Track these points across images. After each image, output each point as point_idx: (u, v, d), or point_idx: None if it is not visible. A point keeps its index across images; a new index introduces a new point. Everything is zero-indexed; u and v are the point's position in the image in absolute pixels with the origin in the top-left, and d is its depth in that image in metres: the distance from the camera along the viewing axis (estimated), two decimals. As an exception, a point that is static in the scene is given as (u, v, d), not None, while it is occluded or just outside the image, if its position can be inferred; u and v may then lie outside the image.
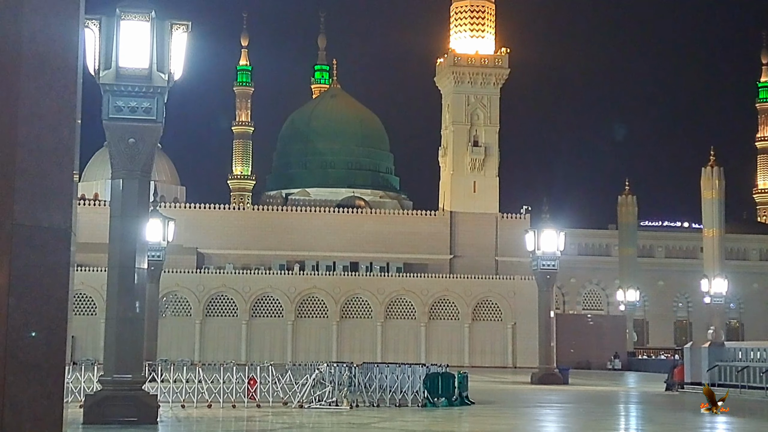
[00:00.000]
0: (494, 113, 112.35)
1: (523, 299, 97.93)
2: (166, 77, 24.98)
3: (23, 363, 6.15)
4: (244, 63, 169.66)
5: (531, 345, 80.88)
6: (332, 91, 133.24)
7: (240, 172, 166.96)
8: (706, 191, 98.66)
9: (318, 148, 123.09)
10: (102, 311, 75.56)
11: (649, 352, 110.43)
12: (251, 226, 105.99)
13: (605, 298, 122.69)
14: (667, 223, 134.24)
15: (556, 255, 60.37)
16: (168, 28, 25.26)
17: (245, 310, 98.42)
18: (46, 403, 6.24)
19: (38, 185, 6.32)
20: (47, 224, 6.34)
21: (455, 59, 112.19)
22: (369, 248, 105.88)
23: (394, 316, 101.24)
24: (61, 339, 6.38)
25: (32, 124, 6.35)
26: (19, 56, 6.34)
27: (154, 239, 48.67)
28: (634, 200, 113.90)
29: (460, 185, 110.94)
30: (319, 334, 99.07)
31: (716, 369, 49.50)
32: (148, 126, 25.16)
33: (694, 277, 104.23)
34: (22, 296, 6.19)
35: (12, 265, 6.15)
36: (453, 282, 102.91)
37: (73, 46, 6.65)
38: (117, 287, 25.50)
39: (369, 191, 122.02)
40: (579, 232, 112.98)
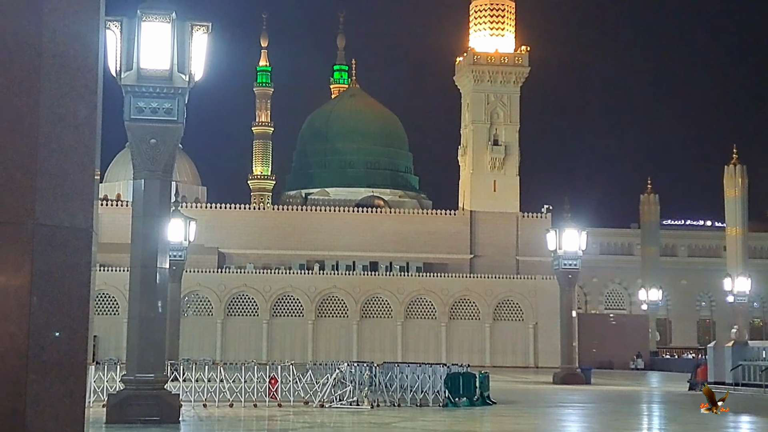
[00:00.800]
0: (514, 112, 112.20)
1: (544, 299, 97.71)
2: (186, 78, 25.06)
3: (45, 362, 6.17)
4: (263, 63, 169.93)
5: (553, 345, 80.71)
6: (351, 91, 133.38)
7: (260, 172, 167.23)
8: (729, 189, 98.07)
9: (337, 148, 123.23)
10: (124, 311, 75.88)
11: (672, 352, 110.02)
12: (271, 225, 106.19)
13: (627, 298, 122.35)
14: (690, 221, 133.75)
15: (578, 254, 60.19)
16: (188, 29, 25.33)
17: (266, 309, 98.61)
18: (68, 402, 6.25)
19: (59, 185, 6.34)
20: (68, 224, 6.35)
21: (475, 58, 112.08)
22: (389, 248, 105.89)
23: (415, 315, 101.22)
24: (83, 338, 6.40)
25: (53, 125, 6.36)
26: (39, 56, 6.35)
27: (175, 239, 48.81)
28: (657, 199, 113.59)
29: (480, 184, 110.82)
30: (340, 333, 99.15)
31: (740, 368, 49.34)
32: (169, 126, 25.25)
33: (717, 275, 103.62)
34: (44, 296, 6.20)
35: (34, 265, 6.17)
36: (473, 282, 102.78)
37: (94, 46, 6.66)
38: (139, 287, 25.60)
39: (388, 191, 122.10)
40: (601, 231, 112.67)
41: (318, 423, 27.14)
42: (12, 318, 6.08)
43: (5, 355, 6.06)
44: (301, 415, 29.28)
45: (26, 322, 6.11)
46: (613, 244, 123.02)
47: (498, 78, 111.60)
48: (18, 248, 6.13)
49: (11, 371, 6.06)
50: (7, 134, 6.22)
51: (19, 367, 6.07)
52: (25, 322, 6.11)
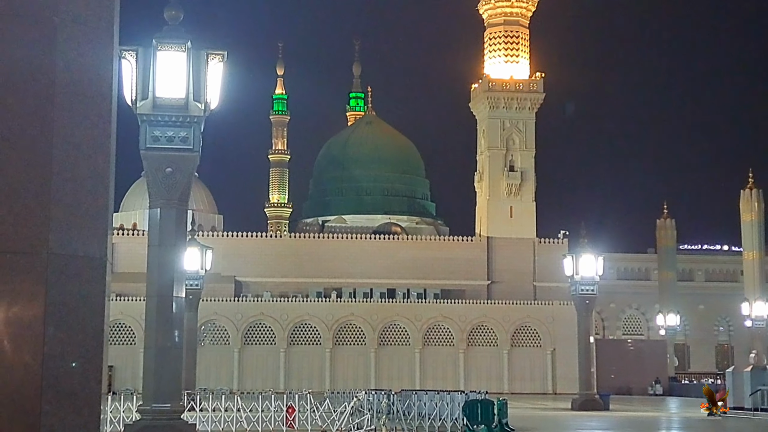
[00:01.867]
0: (530, 138, 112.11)
1: (562, 325, 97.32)
2: (202, 107, 25.06)
3: (60, 392, 6.14)
4: (279, 92, 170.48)
5: (571, 371, 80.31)
6: (367, 118, 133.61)
7: (277, 200, 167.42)
8: (746, 214, 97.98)
9: (354, 175, 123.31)
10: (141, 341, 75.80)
11: (690, 377, 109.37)
12: (288, 253, 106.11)
13: (645, 323, 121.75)
14: (707, 246, 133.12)
15: (595, 280, 59.98)
16: (204, 58, 25.34)
17: (283, 337, 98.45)
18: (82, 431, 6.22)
19: (73, 214, 6.32)
20: (83, 253, 6.33)
21: (490, 84, 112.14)
22: (406, 275, 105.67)
23: (432, 342, 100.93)
24: (97, 368, 6.37)
25: (67, 153, 6.35)
26: (53, 85, 6.36)
27: (192, 268, 48.83)
28: (673, 223, 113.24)
29: (496, 210, 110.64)
30: (357, 361, 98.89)
31: (759, 393, 48.95)
32: (185, 155, 25.23)
33: (735, 300, 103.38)
34: (59, 325, 6.18)
35: (48, 295, 6.15)
36: (491, 308, 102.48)
37: (107, 76, 6.67)
38: (155, 316, 25.52)
39: (405, 217, 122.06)
40: (618, 256, 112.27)
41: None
42: (26, 348, 6.06)
43: (20, 385, 6.03)
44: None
45: (41, 352, 6.08)
46: (630, 269, 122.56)
47: (513, 104, 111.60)
48: (32, 278, 6.12)
49: (26, 401, 6.04)
50: (22, 163, 6.21)
51: (33, 397, 6.04)
52: (40, 352, 6.08)
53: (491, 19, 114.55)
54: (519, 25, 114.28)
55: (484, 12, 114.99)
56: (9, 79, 6.27)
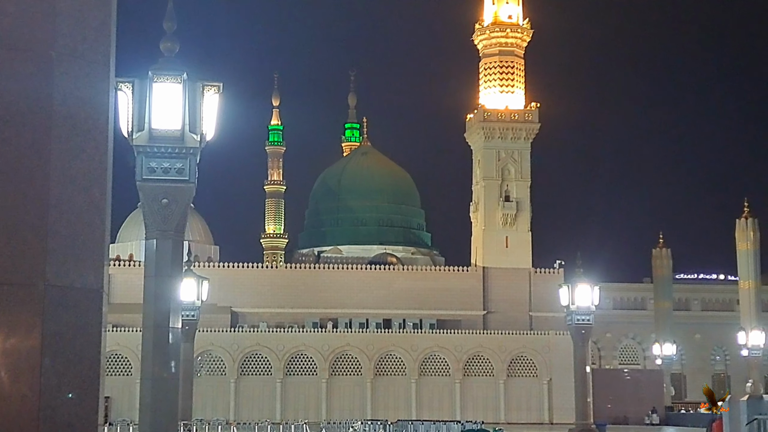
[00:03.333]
0: (525, 168, 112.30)
1: (558, 354, 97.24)
2: (198, 138, 25.06)
3: (57, 423, 6.16)
4: (275, 122, 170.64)
5: (567, 400, 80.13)
6: (363, 149, 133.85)
7: (273, 231, 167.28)
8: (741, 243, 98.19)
9: (349, 206, 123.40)
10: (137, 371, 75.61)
11: (687, 406, 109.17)
12: (284, 284, 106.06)
13: (641, 353, 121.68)
14: (703, 275, 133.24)
15: (591, 309, 59.79)
16: (200, 90, 25.36)
17: (279, 368, 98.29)
18: (79, 463, 6.25)
19: (70, 246, 6.37)
20: (79, 285, 6.38)
21: (485, 114, 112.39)
22: (402, 305, 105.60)
23: (428, 372, 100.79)
24: (94, 399, 6.40)
25: (63, 186, 6.40)
26: (50, 118, 6.41)
27: (188, 299, 48.67)
28: (669, 253, 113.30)
29: (492, 240, 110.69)
30: (353, 391, 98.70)
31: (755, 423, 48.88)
32: (181, 186, 25.20)
33: (731, 329, 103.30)
34: (55, 357, 6.22)
35: (45, 326, 6.19)
36: (487, 338, 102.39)
37: (104, 108, 6.73)
38: (152, 347, 25.42)
39: (401, 248, 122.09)
40: (614, 286, 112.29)
41: (332, 482, 26.99)
42: (23, 379, 6.09)
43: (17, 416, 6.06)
44: (314, 474, 29.13)
45: (37, 383, 6.12)
46: (626, 298, 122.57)
47: (509, 134, 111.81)
48: (29, 309, 6.16)
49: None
50: (18, 195, 6.26)
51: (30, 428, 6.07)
52: (37, 384, 6.11)
53: (486, 49, 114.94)
54: (514, 55, 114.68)
55: (479, 42, 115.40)
56: (6, 112, 6.32)
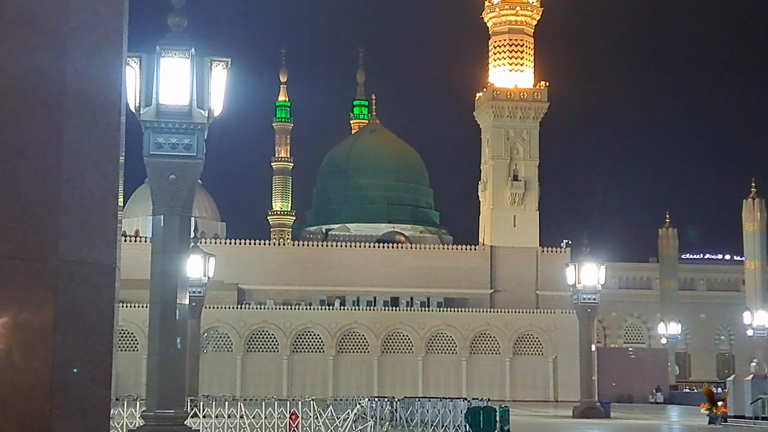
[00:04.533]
0: (534, 147, 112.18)
1: (564, 333, 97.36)
2: (206, 114, 25.08)
3: (69, 397, 6.18)
4: (283, 99, 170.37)
5: (572, 379, 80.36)
6: (371, 127, 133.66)
7: (280, 208, 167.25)
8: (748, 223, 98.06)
9: (358, 184, 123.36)
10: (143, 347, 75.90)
11: (691, 386, 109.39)
12: (291, 261, 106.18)
13: (646, 332, 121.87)
14: (709, 255, 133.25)
15: (597, 289, 60.09)
16: (208, 65, 25.35)
17: (286, 345, 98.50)
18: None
19: (83, 221, 6.37)
20: (92, 260, 6.38)
21: (494, 93, 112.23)
22: (409, 283, 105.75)
23: (435, 350, 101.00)
24: (106, 374, 6.42)
25: (76, 161, 6.40)
26: (62, 94, 6.40)
27: (195, 275, 48.88)
28: (675, 233, 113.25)
29: (500, 220, 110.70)
30: (360, 368, 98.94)
31: (759, 402, 48.95)
32: (189, 162, 25.25)
33: (737, 309, 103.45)
34: (68, 331, 6.23)
35: (57, 301, 6.20)
36: (493, 316, 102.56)
37: (117, 84, 6.72)
38: (159, 323, 25.55)
39: (409, 226, 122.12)
40: (620, 265, 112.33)
41: (338, 459, 27.08)
42: (36, 354, 6.11)
43: (29, 390, 6.08)
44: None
45: (50, 357, 6.13)
46: (631, 278, 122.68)
47: (517, 113, 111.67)
48: (42, 284, 6.17)
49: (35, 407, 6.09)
50: (31, 171, 6.27)
51: (43, 402, 6.09)
52: (50, 358, 6.13)
53: (496, 27, 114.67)
54: (523, 33, 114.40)
55: (489, 20, 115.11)
56: (19, 87, 6.32)
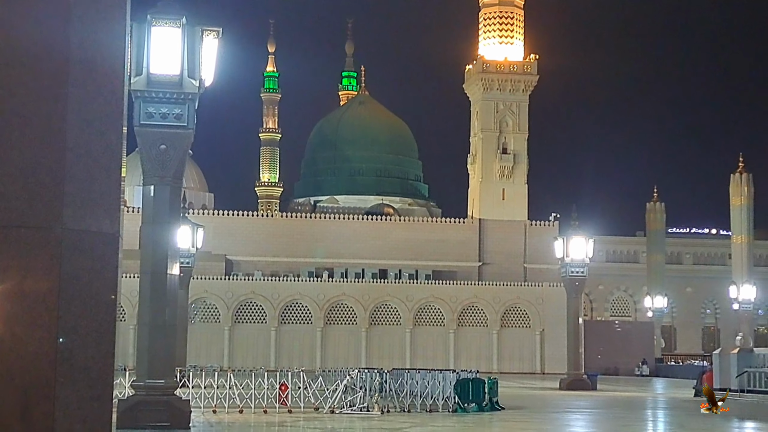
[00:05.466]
0: (523, 120, 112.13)
1: (551, 306, 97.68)
2: (197, 83, 25.06)
3: (73, 365, 6.22)
4: (271, 69, 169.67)
5: (559, 351, 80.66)
6: (360, 98, 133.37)
7: (267, 179, 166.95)
8: (735, 198, 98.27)
9: (346, 156, 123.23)
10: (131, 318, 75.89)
11: (676, 359, 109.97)
12: (280, 233, 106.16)
13: (633, 305, 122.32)
14: (696, 229, 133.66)
15: (585, 262, 60.27)
16: (198, 35, 25.31)
17: (274, 316, 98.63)
18: (96, 405, 6.31)
19: (87, 190, 6.39)
20: (96, 229, 6.41)
21: (484, 66, 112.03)
22: (398, 255, 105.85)
23: (423, 322, 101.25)
24: (110, 342, 6.47)
25: (81, 130, 6.42)
26: (67, 63, 6.41)
27: (183, 246, 48.76)
28: (663, 207, 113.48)
29: (488, 192, 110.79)
30: (348, 340, 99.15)
31: (745, 375, 49.22)
32: (180, 132, 25.25)
33: (723, 283, 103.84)
34: (72, 300, 6.26)
35: (62, 269, 6.23)
36: (481, 289, 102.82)
37: (120, 52, 6.73)
38: (149, 293, 25.64)
39: (397, 199, 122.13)
40: (607, 239, 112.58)
41: (328, 429, 27.19)
42: (41, 322, 6.14)
43: (34, 358, 6.12)
44: (311, 421, 29.33)
45: (55, 326, 6.17)
46: (619, 251, 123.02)
47: (507, 86, 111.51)
48: (46, 253, 6.19)
49: (41, 375, 6.12)
50: (36, 139, 6.28)
51: (48, 370, 6.13)
52: (54, 326, 6.16)
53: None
54: (514, 5, 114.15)
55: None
56: (24, 55, 6.33)
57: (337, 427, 27.58)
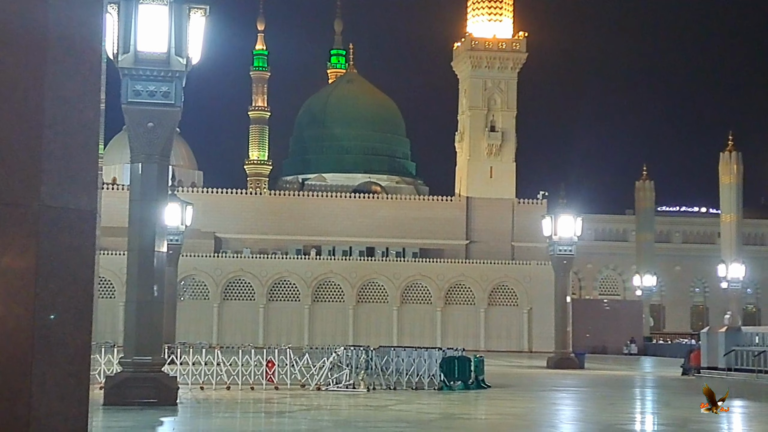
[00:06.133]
0: (512, 98, 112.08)
1: (539, 284, 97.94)
2: (184, 61, 25.04)
3: (51, 342, 6.23)
4: (260, 47, 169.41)
5: (547, 330, 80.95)
6: (348, 76, 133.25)
7: (256, 157, 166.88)
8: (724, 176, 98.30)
9: (334, 133, 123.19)
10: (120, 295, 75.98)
11: (665, 337, 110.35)
12: (268, 210, 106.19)
13: (622, 284, 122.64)
14: (685, 208, 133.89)
15: (573, 240, 60.36)
16: (186, 12, 25.28)
17: (262, 294, 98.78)
18: (73, 382, 6.32)
19: (64, 167, 6.38)
20: (73, 206, 6.40)
21: (473, 43, 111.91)
22: (385, 233, 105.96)
23: (410, 300, 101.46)
24: (87, 319, 6.46)
25: (58, 107, 6.41)
26: (44, 39, 6.40)
27: (172, 223, 48.78)
28: (652, 185, 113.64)
29: (476, 170, 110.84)
30: (336, 318, 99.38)
31: (733, 353, 49.49)
32: (167, 110, 25.25)
33: (711, 262, 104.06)
34: (50, 277, 6.26)
35: (39, 247, 6.22)
36: (469, 267, 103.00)
37: (98, 29, 6.71)
38: (137, 270, 25.68)
39: (385, 176, 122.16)
40: (596, 217, 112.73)
41: (314, 405, 27.28)
42: (18, 299, 6.14)
43: (11, 335, 6.12)
44: (297, 397, 29.41)
45: (32, 302, 6.16)
46: (608, 230, 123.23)
47: (496, 64, 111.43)
48: (23, 230, 6.18)
49: (17, 351, 6.13)
50: (13, 116, 6.27)
51: (25, 347, 6.13)
52: (31, 303, 6.16)
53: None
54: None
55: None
56: (1, 32, 6.31)
57: (323, 404, 27.68)
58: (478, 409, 29.34)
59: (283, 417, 24.93)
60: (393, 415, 24.98)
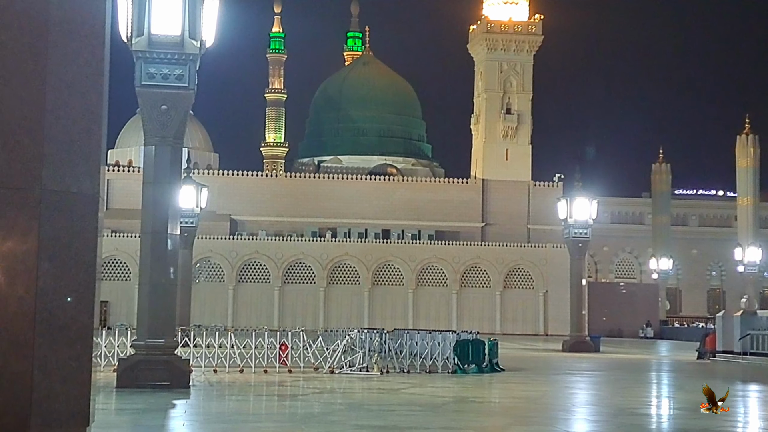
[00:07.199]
0: (527, 80, 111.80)
1: (555, 267, 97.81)
2: (198, 44, 25.00)
3: (52, 325, 6.26)
4: (276, 30, 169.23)
5: (563, 313, 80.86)
6: (365, 58, 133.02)
7: (273, 140, 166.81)
8: (741, 159, 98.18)
9: (350, 116, 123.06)
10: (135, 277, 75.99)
11: (681, 321, 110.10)
12: (284, 193, 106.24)
13: (638, 267, 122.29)
14: (702, 191, 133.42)
15: (589, 223, 60.19)
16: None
17: (277, 276, 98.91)
18: (74, 364, 6.35)
19: (66, 151, 6.40)
20: (75, 190, 6.42)
21: (488, 26, 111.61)
22: (401, 216, 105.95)
23: (426, 283, 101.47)
24: (90, 302, 6.49)
25: (60, 91, 6.42)
26: (46, 23, 6.41)
27: (187, 206, 48.95)
28: (669, 168, 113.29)
29: (492, 153, 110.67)
30: (351, 300, 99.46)
31: (748, 337, 49.35)
32: (181, 93, 25.24)
33: (728, 245, 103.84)
34: (52, 260, 6.29)
35: (41, 230, 6.25)
36: (484, 250, 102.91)
37: (101, 12, 6.71)
38: (150, 253, 25.71)
39: (401, 159, 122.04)
40: (612, 200, 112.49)
41: (327, 388, 27.31)
42: (20, 282, 6.17)
43: (14, 318, 6.15)
44: (310, 380, 29.45)
45: (34, 286, 6.20)
46: (624, 213, 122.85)
47: (511, 46, 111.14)
48: (26, 213, 6.21)
49: (19, 334, 6.16)
50: (15, 100, 6.29)
51: (27, 330, 6.16)
52: (33, 286, 6.19)
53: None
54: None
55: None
56: (3, 16, 6.32)
57: (336, 387, 27.72)
58: (491, 392, 29.34)
59: (296, 400, 24.99)
60: (406, 399, 25.00)
